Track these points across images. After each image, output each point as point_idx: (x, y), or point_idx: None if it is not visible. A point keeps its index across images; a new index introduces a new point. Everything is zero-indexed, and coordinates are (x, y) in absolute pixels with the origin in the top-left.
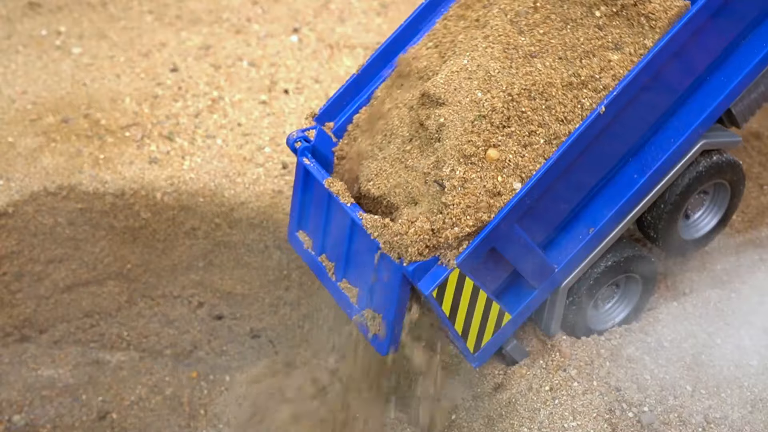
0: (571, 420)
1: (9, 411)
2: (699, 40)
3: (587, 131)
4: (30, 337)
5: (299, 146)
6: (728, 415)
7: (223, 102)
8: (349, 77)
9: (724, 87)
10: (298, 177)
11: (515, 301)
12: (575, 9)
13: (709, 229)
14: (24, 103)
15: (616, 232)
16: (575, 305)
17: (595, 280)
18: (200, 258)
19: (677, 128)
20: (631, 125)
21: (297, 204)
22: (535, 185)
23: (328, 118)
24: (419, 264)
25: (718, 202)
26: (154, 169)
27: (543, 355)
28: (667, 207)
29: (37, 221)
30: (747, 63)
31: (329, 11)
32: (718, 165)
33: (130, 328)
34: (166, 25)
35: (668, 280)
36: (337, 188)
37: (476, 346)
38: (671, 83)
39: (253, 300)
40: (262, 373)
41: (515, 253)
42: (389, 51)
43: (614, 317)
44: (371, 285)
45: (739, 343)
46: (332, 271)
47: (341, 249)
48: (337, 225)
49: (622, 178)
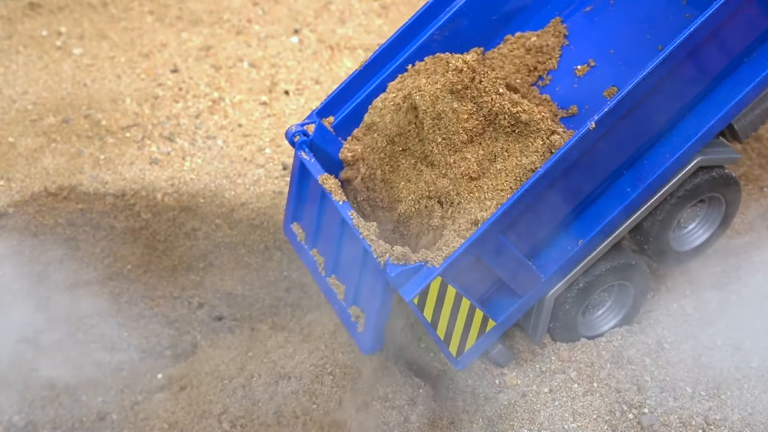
0: (572, 421)
1: (9, 411)
2: (699, 56)
3: (577, 145)
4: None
5: (297, 140)
6: (728, 417)
7: (223, 103)
8: (351, 73)
9: (723, 104)
10: (295, 170)
11: (500, 309)
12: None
13: (702, 242)
14: (25, 104)
15: (607, 244)
16: (564, 313)
17: (584, 289)
18: (200, 259)
19: (673, 144)
20: (626, 139)
21: (293, 196)
22: (520, 198)
23: (329, 112)
24: (402, 269)
25: (713, 215)
26: (155, 169)
27: (542, 357)
28: (659, 218)
29: (38, 221)
30: (749, 81)
31: (330, 12)
32: (714, 180)
33: (130, 328)
34: (166, 25)
35: (669, 281)
36: (330, 185)
37: (459, 351)
38: (668, 98)
39: (253, 301)
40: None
41: (500, 263)
42: (393, 48)
43: (605, 323)
44: (358, 284)
45: (739, 345)
46: (322, 265)
47: (332, 245)
48: (328, 221)
49: (614, 192)
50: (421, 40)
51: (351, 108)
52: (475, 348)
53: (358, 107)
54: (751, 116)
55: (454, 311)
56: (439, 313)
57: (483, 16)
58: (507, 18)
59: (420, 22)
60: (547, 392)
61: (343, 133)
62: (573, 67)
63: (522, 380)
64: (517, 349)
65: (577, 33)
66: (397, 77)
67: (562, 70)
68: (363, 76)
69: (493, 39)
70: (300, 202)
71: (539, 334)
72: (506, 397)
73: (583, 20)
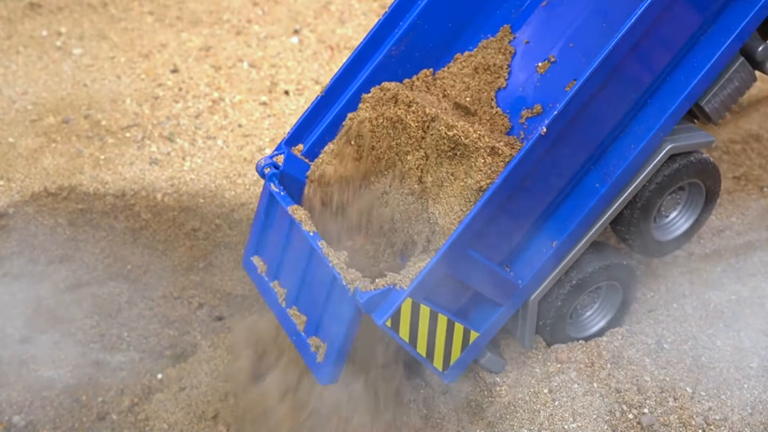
0: (571, 422)
1: (9, 411)
2: (652, 38)
3: (531, 150)
4: (30, 338)
5: (267, 172)
6: (728, 417)
7: (223, 103)
8: (314, 99)
9: (683, 87)
10: (262, 202)
11: (482, 319)
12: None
13: (684, 230)
14: (24, 104)
15: (585, 242)
16: (551, 315)
17: (570, 291)
18: (201, 259)
19: (637, 134)
20: (585, 137)
21: (258, 229)
22: (482, 208)
23: (297, 140)
24: (371, 295)
25: (693, 202)
26: (155, 170)
27: (542, 358)
28: (638, 208)
29: (38, 222)
30: (705, 61)
31: (330, 12)
32: (691, 165)
33: (130, 329)
34: (166, 26)
35: (668, 282)
36: (300, 215)
37: (445, 365)
38: (627, 86)
39: (253, 301)
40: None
41: (472, 276)
42: (351, 70)
43: (595, 324)
44: (321, 314)
45: (739, 345)
46: (283, 297)
47: (296, 276)
48: (295, 252)
49: (583, 188)
50: (378, 59)
51: (319, 132)
52: (461, 360)
53: (326, 130)
54: (720, 96)
55: (432, 328)
56: (416, 332)
57: (434, 31)
58: (456, 32)
59: (374, 40)
60: (546, 392)
61: (314, 159)
62: (534, 64)
63: (521, 381)
64: (517, 350)
65: (535, 28)
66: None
67: (523, 69)
68: (326, 100)
69: (444, 57)
70: (264, 235)
71: (527, 339)
72: (506, 398)
73: (541, 15)
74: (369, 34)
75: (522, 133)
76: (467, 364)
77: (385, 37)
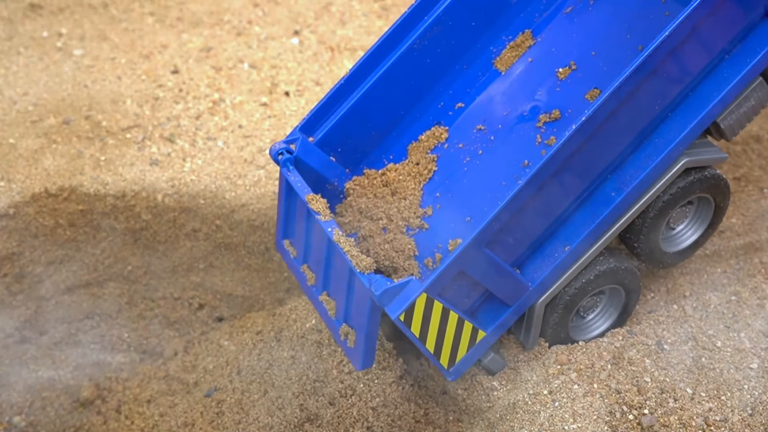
0: (572, 422)
1: (9, 412)
2: (679, 55)
3: (557, 155)
4: (30, 339)
5: (282, 158)
6: (728, 418)
7: (224, 104)
8: (332, 87)
9: (705, 104)
10: (282, 187)
11: (490, 319)
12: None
13: (691, 243)
14: (25, 105)
15: (595, 249)
16: (555, 318)
17: (575, 294)
18: (201, 260)
19: (657, 146)
20: (609, 144)
21: (282, 213)
22: (503, 210)
23: (312, 127)
24: (386, 288)
25: (702, 215)
26: (155, 170)
27: (542, 359)
28: (649, 219)
29: (38, 222)
30: (729, 79)
31: (330, 13)
32: (703, 180)
33: (130, 329)
34: (167, 27)
35: (668, 283)
36: (316, 204)
37: (450, 362)
38: (650, 100)
39: (253, 302)
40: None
41: (486, 275)
42: (371, 62)
43: (598, 327)
44: (346, 301)
45: (739, 346)
46: (313, 281)
47: (321, 262)
48: (316, 238)
49: (599, 196)
50: (401, 51)
51: (334, 122)
52: (466, 359)
53: (341, 120)
54: (736, 114)
55: (443, 325)
56: (427, 327)
57: (457, 28)
58: (480, 31)
59: (398, 33)
60: (546, 393)
61: (326, 147)
62: (555, 69)
63: (522, 381)
64: (517, 350)
65: (557, 34)
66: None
67: (543, 73)
68: (344, 89)
69: (465, 55)
70: (289, 219)
71: (531, 341)
72: (506, 399)
73: (563, 21)
74: (392, 26)
75: (539, 137)
76: (471, 363)
77: (409, 30)
